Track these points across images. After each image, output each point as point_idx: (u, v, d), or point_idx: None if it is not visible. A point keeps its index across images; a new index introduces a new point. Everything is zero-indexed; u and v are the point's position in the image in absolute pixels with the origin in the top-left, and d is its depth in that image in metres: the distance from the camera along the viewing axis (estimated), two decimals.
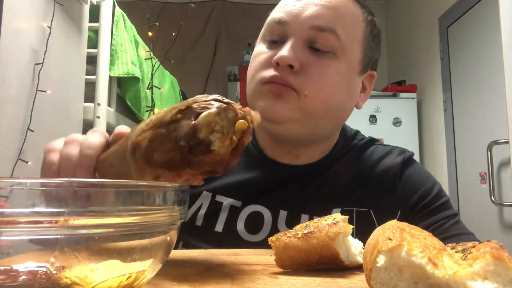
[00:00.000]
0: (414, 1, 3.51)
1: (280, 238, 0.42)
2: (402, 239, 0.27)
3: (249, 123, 0.37)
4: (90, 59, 1.84)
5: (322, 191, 0.69)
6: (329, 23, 0.62)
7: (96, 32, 1.87)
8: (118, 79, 1.99)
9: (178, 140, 0.35)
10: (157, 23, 2.13)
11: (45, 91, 1.40)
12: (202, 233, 0.67)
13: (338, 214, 0.44)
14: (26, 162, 1.30)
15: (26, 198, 0.24)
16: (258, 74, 0.64)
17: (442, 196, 0.70)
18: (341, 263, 0.41)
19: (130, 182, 0.29)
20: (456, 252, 0.29)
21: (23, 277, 0.26)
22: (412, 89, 3.29)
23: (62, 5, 1.52)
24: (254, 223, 0.67)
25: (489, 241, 0.28)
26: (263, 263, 0.47)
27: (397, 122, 3.18)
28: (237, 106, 0.37)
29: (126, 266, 0.28)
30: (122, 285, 0.28)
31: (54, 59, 1.50)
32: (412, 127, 3.19)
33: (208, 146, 0.35)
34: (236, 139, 0.36)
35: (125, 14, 2.08)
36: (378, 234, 0.30)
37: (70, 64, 1.66)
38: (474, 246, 0.28)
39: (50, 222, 0.24)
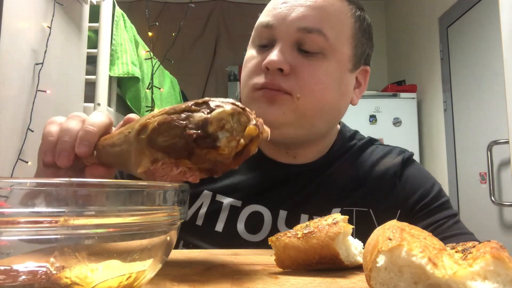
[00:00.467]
0: (414, 1, 3.51)
1: (280, 238, 0.42)
2: (402, 239, 0.27)
3: (259, 132, 0.37)
4: (90, 59, 1.84)
5: (322, 191, 0.69)
6: (315, 24, 0.62)
7: (96, 32, 1.87)
8: (118, 79, 1.99)
9: (187, 128, 0.35)
10: (157, 23, 2.13)
11: (45, 91, 1.40)
12: (202, 232, 0.67)
13: (338, 214, 0.44)
14: (26, 162, 1.30)
15: (26, 198, 0.24)
16: (250, 80, 0.64)
17: (442, 196, 0.70)
18: (341, 263, 0.41)
19: (130, 182, 0.29)
20: (456, 252, 0.29)
21: (23, 277, 0.26)
22: (412, 89, 3.29)
23: (62, 5, 1.52)
24: (254, 223, 0.67)
25: (489, 241, 0.28)
26: (263, 263, 0.47)
27: (397, 122, 3.18)
28: (252, 115, 0.37)
29: (126, 266, 0.28)
30: (122, 285, 0.28)
31: (54, 59, 1.50)
32: (412, 127, 3.19)
33: (214, 141, 0.35)
34: (243, 143, 0.36)
35: (125, 14, 2.08)
36: (378, 234, 0.30)
37: (70, 64, 1.66)
38: (474, 246, 0.28)
39: (50, 222, 0.24)
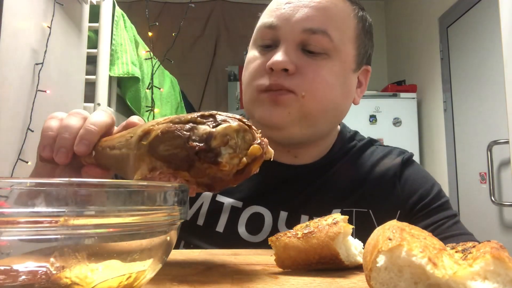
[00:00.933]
0: (414, 1, 3.51)
1: (280, 238, 0.42)
2: (402, 239, 0.27)
3: (263, 152, 0.37)
4: (90, 59, 1.84)
5: (322, 192, 0.69)
6: (320, 25, 0.62)
7: (96, 32, 1.87)
8: (118, 79, 1.99)
9: (190, 139, 0.34)
10: (157, 23, 2.13)
11: (45, 91, 1.40)
12: (203, 232, 0.67)
13: (338, 214, 0.44)
14: (26, 162, 1.30)
15: (26, 198, 0.24)
16: (254, 82, 0.64)
17: (441, 196, 0.70)
18: (341, 263, 0.41)
19: (131, 182, 0.29)
20: (456, 252, 0.29)
21: (23, 277, 0.26)
22: (412, 89, 3.29)
23: (62, 5, 1.52)
24: (255, 225, 0.67)
25: (489, 241, 0.28)
26: (263, 263, 0.47)
27: (397, 122, 3.18)
28: (257, 134, 0.37)
29: (126, 266, 0.28)
30: (122, 285, 0.28)
31: (54, 59, 1.50)
32: (412, 127, 3.19)
33: (216, 156, 0.34)
34: (245, 161, 0.36)
35: (125, 14, 2.08)
36: (378, 234, 0.30)
37: (70, 64, 1.66)
38: (474, 246, 0.28)
39: (50, 222, 0.24)
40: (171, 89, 2.71)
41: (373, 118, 3.17)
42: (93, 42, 1.87)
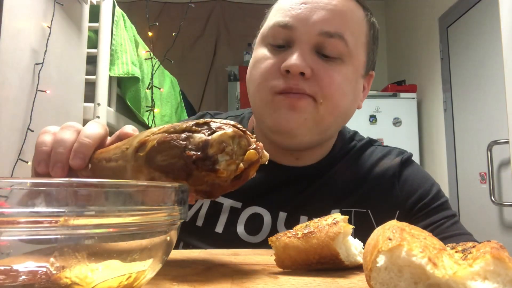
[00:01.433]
0: (414, 1, 3.51)
1: (280, 238, 0.42)
2: (402, 239, 0.27)
3: (259, 156, 0.37)
4: (90, 59, 1.84)
5: (321, 193, 0.69)
6: (337, 29, 0.61)
7: (96, 32, 1.87)
8: (118, 79, 1.99)
9: (187, 149, 0.34)
10: (157, 23, 2.13)
11: (45, 91, 1.40)
12: (202, 233, 0.67)
13: (338, 214, 0.44)
14: (26, 162, 1.30)
15: (26, 198, 0.24)
16: (267, 83, 0.62)
17: (440, 196, 0.70)
18: (341, 263, 0.41)
19: (131, 182, 0.29)
20: (456, 252, 0.29)
21: (23, 277, 0.26)
22: (412, 89, 3.29)
23: (62, 5, 1.52)
24: (254, 225, 0.67)
25: (489, 241, 0.28)
26: (263, 263, 0.47)
27: (397, 122, 3.18)
28: (252, 139, 0.37)
29: (126, 266, 0.28)
30: (122, 285, 0.28)
31: (54, 59, 1.50)
32: (412, 127, 3.19)
33: (213, 164, 0.35)
34: (242, 167, 0.36)
35: (125, 14, 2.08)
36: (378, 234, 0.30)
37: (70, 64, 1.66)
38: (474, 246, 0.28)
39: (50, 222, 0.24)
40: (171, 89, 2.71)
41: (373, 118, 3.17)
42: (93, 42, 1.87)
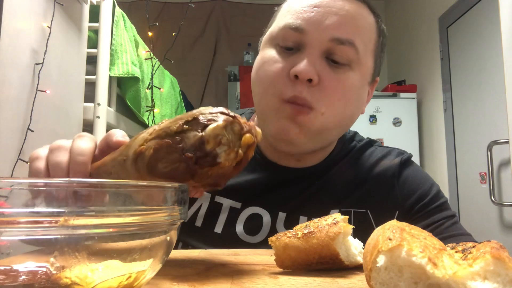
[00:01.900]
0: (414, 1, 3.51)
1: (280, 238, 0.42)
2: (402, 239, 0.27)
3: (254, 138, 0.37)
4: (90, 59, 1.83)
5: (321, 193, 0.69)
6: (349, 36, 0.60)
7: (96, 32, 1.87)
8: (118, 79, 1.99)
9: (184, 151, 0.34)
10: (157, 23, 2.13)
11: (45, 91, 1.40)
12: (201, 233, 0.67)
13: (338, 214, 0.44)
14: (26, 162, 1.30)
15: (26, 198, 0.24)
16: (275, 89, 0.61)
17: (440, 197, 0.70)
18: (341, 263, 0.41)
19: (130, 182, 0.29)
20: (456, 252, 0.29)
21: (23, 277, 0.26)
22: (412, 89, 3.29)
23: (62, 5, 1.52)
24: (253, 225, 0.67)
25: (489, 241, 0.28)
26: (263, 263, 0.47)
27: (397, 122, 3.18)
28: (242, 120, 0.37)
29: (126, 266, 0.28)
30: (122, 285, 0.28)
31: (54, 59, 1.50)
32: (412, 127, 3.19)
33: (214, 158, 0.35)
34: (241, 153, 0.36)
35: (125, 14, 2.08)
36: (378, 234, 0.30)
37: (70, 64, 1.66)
38: (474, 246, 0.28)
39: (50, 222, 0.24)
40: (171, 89, 2.71)
41: (373, 118, 3.17)
42: (93, 42, 1.87)
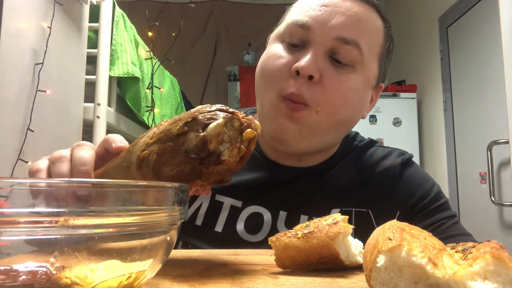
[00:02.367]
0: (414, 1, 3.51)
1: (280, 238, 0.42)
2: (402, 239, 0.27)
3: (256, 132, 0.38)
4: (90, 59, 1.83)
5: (322, 192, 0.69)
6: (354, 36, 0.61)
7: (96, 32, 1.87)
8: (118, 79, 1.99)
9: (188, 152, 0.35)
10: (157, 23, 2.13)
11: (45, 91, 1.40)
12: (202, 232, 0.67)
13: (338, 214, 0.44)
14: (26, 162, 1.30)
15: (26, 198, 0.24)
16: (278, 85, 0.61)
17: (441, 197, 0.70)
18: (341, 263, 0.41)
19: (130, 182, 0.29)
20: (456, 252, 0.29)
21: (23, 277, 0.26)
22: (412, 89, 3.29)
23: (62, 5, 1.52)
24: (254, 224, 0.67)
25: (489, 241, 0.28)
26: (263, 263, 0.47)
27: (397, 122, 3.18)
28: (241, 115, 0.38)
29: (126, 266, 0.28)
30: (122, 285, 0.28)
31: (54, 59, 1.50)
32: (412, 127, 3.19)
33: (218, 157, 0.35)
34: (244, 148, 0.37)
35: (125, 14, 2.08)
36: (378, 234, 0.30)
37: (70, 64, 1.66)
38: (474, 246, 0.28)
39: (50, 222, 0.24)
40: (171, 89, 2.71)
41: (373, 118, 3.17)
42: (93, 42, 1.87)
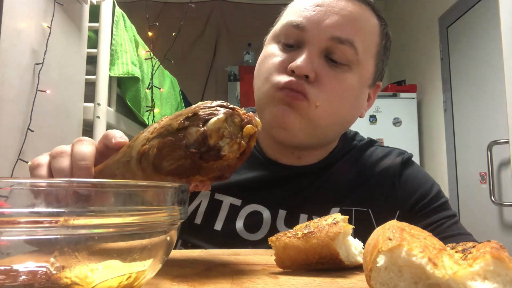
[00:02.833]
0: (414, 1, 3.51)
1: (280, 238, 0.42)
2: (402, 239, 0.27)
3: (256, 128, 0.38)
4: (90, 59, 1.83)
5: (321, 191, 0.69)
6: (349, 36, 0.61)
7: (96, 32, 1.87)
8: (118, 79, 1.99)
9: (188, 147, 0.35)
10: (157, 23, 2.13)
11: (45, 91, 1.40)
12: (201, 231, 0.67)
13: (338, 214, 0.44)
14: (26, 162, 1.30)
15: (26, 198, 0.24)
16: (272, 78, 0.62)
17: (441, 197, 0.70)
18: (341, 263, 0.41)
19: (130, 182, 0.29)
20: (456, 252, 0.29)
21: (23, 277, 0.26)
22: (412, 89, 3.29)
23: (62, 5, 1.52)
24: (253, 222, 0.67)
25: (489, 241, 0.28)
26: (263, 263, 0.47)
27: (397, 122, 3.18)
28: (241, 111, 0.38)
29: (126, 266, 0.28)
30: (122, 285, 0.28)
31: (54, 59, 1.50)
32: (412, 127, 3.19)
33: (218, 152, 0.35)
34: (244, 144, 0.37)
35: (125, 14, 2.08)
36: (378, 234, 0.30)
37: (70, 64, 1.66)
38: (474, 246, 0.28)
39: (50, 222, 0.24)
40: (171, 89, 2.71)
41: (373, 118, 3.17)
42: (93, 42, 1.87)
